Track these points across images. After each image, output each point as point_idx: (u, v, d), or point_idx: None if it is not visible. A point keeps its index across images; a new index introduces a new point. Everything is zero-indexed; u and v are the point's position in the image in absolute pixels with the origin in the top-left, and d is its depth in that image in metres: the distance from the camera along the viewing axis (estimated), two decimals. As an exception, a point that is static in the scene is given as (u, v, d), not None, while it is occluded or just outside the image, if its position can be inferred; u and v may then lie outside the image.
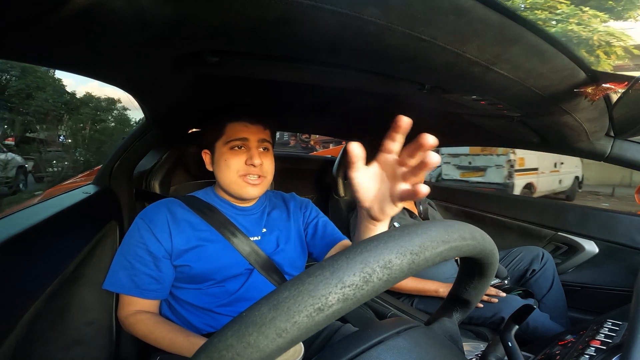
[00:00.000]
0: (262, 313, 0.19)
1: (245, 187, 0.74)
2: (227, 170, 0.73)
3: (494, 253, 0.31)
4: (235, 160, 0.73)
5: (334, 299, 0.20)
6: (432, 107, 0.80)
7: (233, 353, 0.18)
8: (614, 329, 0.52)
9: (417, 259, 0.23)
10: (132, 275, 0.68)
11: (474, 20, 0.37)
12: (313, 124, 1.35)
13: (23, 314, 0.54)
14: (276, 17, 0.33)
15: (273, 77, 0.57)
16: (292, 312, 0.19)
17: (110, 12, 0.29)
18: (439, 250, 0.24)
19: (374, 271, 0.21)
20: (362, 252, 0.22)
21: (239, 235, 0.74)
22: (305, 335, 0.20)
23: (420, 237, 0.24)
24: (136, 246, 0.69)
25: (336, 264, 0.21)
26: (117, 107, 14.31)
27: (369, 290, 0.21)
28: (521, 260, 1.19)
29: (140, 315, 0.68)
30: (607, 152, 0.85)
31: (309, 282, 0.20)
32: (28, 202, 0.80)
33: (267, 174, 0.76)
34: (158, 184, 0.98)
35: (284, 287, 0.21)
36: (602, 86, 0.52)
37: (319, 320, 0.19)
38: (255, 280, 0.73)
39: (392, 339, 0.29)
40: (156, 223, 0.70)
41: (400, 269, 0.22)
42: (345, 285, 0.20)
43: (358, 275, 0.20)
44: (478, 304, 0.77)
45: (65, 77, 25.57)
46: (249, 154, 0.73)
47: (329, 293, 0.20)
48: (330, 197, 1.54)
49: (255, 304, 0.20)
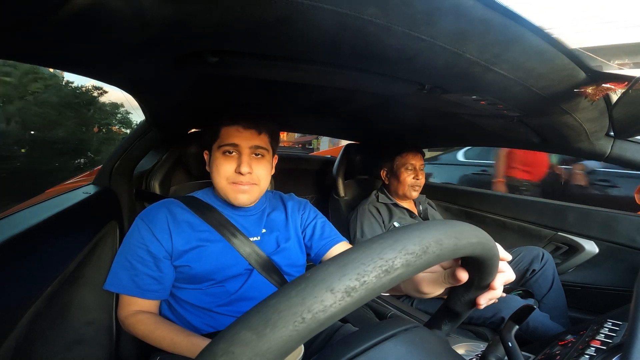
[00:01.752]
0: (330, 272, 0.20)
1: (235, 194, 0.73)
2: (217, 175, 0.73)
3: (496, 256, 0.32)
4: (225, 167, 0.72)
5: (399, 262, 0.21)
6: (432, 107, 0.80)
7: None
8: (614, 329, 0.52)
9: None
10: (133, 276, 0.68)
11: (474, 20, 0.37)
12: (313, 123, 1.35)
13: (23, 314, 0.54)
14: (276, 17, 0.33)
15: (273, 77, 0.57)
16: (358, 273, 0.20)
17: (110, 12, 0.29)
18: (464, 243, 0.27)
19: (430, 244, 0.23)
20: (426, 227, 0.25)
21: (239, 235, 0.74)
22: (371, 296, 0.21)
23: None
24: (137, 247, 0.69)
25: (397, 235, 0.23)
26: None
27: (426, 259, 0.23)
28: (521, 260, 1.19)
29: (140, 316, 0.68)
30: (607, 152, 0.85)
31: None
32: (28, 202, 0.80)
33: (259, 181, 0.74)
34: (158, 184, 0.98)
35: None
36: (602, 86, 0.52)
37: (385, 283, 0.21)
38: (255, 281, 0.73)
39: (391, 340, 0.29)
40: (156, 223, 0.70)
41: (448, 246, 0.24)
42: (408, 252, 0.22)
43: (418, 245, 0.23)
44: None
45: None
46: (239, 160, 0.72)
47: (395, 257, 0.21)
48: (330, 197, 1.54)
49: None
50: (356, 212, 1.30)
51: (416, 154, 1.31)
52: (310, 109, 0.99)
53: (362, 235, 1.24)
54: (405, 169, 1.29)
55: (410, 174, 1.29)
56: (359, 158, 1.55)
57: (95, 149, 13.05)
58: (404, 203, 1.33)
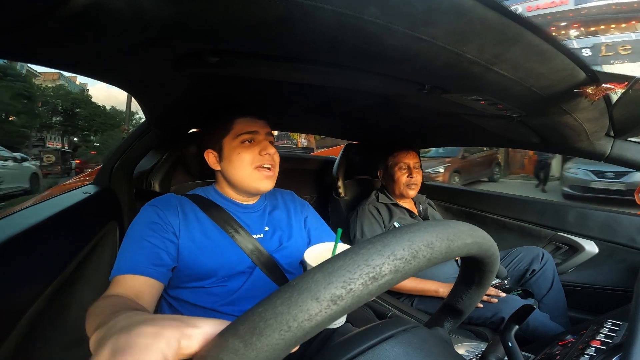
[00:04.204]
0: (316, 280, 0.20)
1: (261, 180, 0.75)
2: (240, 163, 0.74)
3: (496, 256, 0.32)
4: (248, 153, 0.75)
5: (386, 269, 0.21)
6: (432, 107, 0.80)
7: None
8: (614, 329, 0.52)
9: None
10: (132, 252, 0.62)
11: (474, 20, 0.37)
12: (313, 123, 1.35)
13: (23, 314, 0.54)
14: (276, 17, 0.33)
15: (273, 77, 0.57)
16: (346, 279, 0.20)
17: (110, 12, 0.29)
18: (464, 243, 0.26)
19: (420, 249, 0.23)
20: (408, 232, 0.24)
21: (242, 232, 0.74)
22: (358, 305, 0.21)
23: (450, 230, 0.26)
24: (143, 226, 0.66)
25: (386, 239, 0.23)
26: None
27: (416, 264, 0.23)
28: (521, 260, 1.19)
29: (102, 299, 0.51)
30: (607, 152, 0.85)
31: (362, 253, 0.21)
32: (28, 202, 0.80)
33: (276, 165, 0.78)
34: (158, 184, 0.98)
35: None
36: (602, 86, 0.52)
37: (372, 290, 0.21)
38: (257, 279, 0.73)
39: (391, 340, 0.29)
40: (168, 207, 0.70)
41: (439, 249, 0.24)
42: (397, 258, 0.22)
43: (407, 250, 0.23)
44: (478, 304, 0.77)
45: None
46: (260, 145, 0.75)
47: (382, 263, 0.21)
48: (330, 197, 1.54)
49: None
50: (356, 212, 1.30)
51: (409, 152, 1.31)
52: (310, 109, 0.99)
53: (362, 236, 1.23)
54: (398, 169, 1.29)
55: (404, 173, 1.28)
56: (359, 158, 1.55)
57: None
58: (404, 203, 1.33)
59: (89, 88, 24.11)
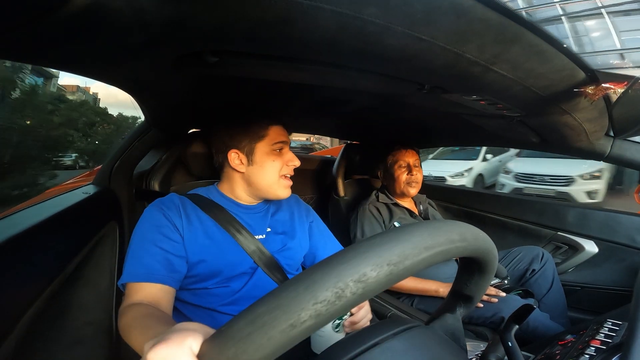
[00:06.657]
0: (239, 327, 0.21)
1: (284, 188, 0.78)
2: (271, 170, 0.75)
3: (490, 250, 0.31)
4: (280, 161, 0.76)
5: (306, 315, 0.20)
6: (432, 107, 0.80)
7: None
8: (614, 329, 0.52)
9: (395, 270, 0.22)
10: (140, 258, 0.62)
11: (474, 20, 0.37)
12: (313, 123, 1.35)
13: (23, 314, 0.54)
14: (276, 17, 0.33)
15: (273, 77, 0.57)
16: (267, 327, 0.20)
17: (110, 12, 0.29)
18: (422, 258, 0.23)
19: (347, 286, 0.20)
20: (336, 265, 0.21)
21: (244, 232, 0.74)
22: (281, 351, 0.20)
23: (400, 246, 0.23)
24: (149, 230, 0.66)
25: (309, 279, 0.21)
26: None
27: (342, 305, 0.20)
28: (521, 260, 1.19)
29: (131, 308, 0.56)
30: (607, 152, 0.85)
31: (284, 297, 0.21)
32: (28, 202, 0.80)
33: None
34: (158, 184, 0.98)
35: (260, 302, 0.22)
36: (602, 86, 0.52)
37: (293, 336, 0.20)
38: (258, 279, 0.73)
39: (391, 340, 0.29)
40: (171, 208, 0.70)
41: (376, 281, 0.21)
42: (318, 301, 0.20)
43: (331, 290, 0.20)
44: (478, 303, 0.77)
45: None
46: (288, 155, 0.78)
47: (302, 309, 0.20)
48: (330, 197, 1.54)
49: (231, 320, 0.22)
50: (356, 212, 1.30)
51: (408, 151, 1.31)
52: (310, 109, 0.99)
53: (363, 235, 1.23)
54: (398, 167, 1.29)
55: (404, 171, 1.28)
56: (359, 158, 1.55)
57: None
58: (404, 202, 1.33)
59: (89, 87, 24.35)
